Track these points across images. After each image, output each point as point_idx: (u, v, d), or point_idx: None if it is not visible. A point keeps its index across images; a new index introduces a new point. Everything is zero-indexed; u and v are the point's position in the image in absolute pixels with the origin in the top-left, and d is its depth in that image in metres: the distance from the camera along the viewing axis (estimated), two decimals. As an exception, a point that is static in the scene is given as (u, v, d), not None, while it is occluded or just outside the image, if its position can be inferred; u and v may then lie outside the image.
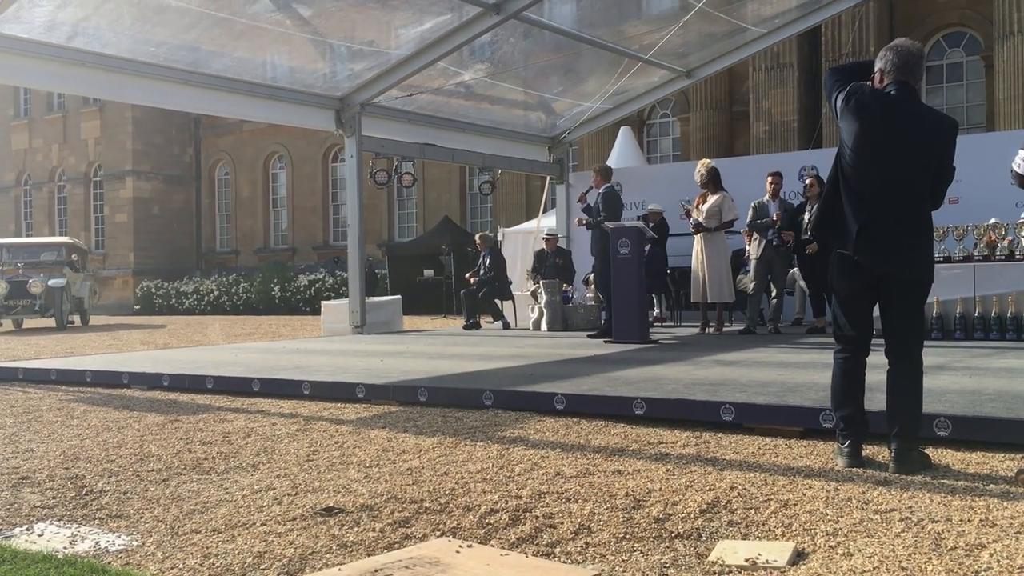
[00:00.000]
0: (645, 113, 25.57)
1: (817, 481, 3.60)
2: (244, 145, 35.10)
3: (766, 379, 5.84)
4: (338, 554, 2.88)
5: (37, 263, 20.60)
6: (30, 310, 19.37)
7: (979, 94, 21.32)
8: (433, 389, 6.03)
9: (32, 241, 24.13)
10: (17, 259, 20.76)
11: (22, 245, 22.39)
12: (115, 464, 4.34)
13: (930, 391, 4.26)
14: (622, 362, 7.41)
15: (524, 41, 12.44)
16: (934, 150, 3.79)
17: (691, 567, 2.67)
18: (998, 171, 11.12)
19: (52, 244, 22.39)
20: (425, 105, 13.23)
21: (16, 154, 38.90)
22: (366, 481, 3.82)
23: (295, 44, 11.23)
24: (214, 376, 7.13)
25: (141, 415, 5.92)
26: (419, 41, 11.24)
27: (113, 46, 9.80)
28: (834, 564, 2.63)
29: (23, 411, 6.28)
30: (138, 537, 3.13)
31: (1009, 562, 2.57)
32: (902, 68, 3.81)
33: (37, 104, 38.17)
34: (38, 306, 19.19)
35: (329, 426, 5.28)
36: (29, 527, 3.30)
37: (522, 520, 3.18)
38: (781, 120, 22.10)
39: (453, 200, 30.07)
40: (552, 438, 4.70)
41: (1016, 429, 4.09)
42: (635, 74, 13.13)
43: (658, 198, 12.99)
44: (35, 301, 19.20)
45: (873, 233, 3.75)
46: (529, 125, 15.13)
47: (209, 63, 10.73)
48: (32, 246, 22.31)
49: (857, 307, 3.92)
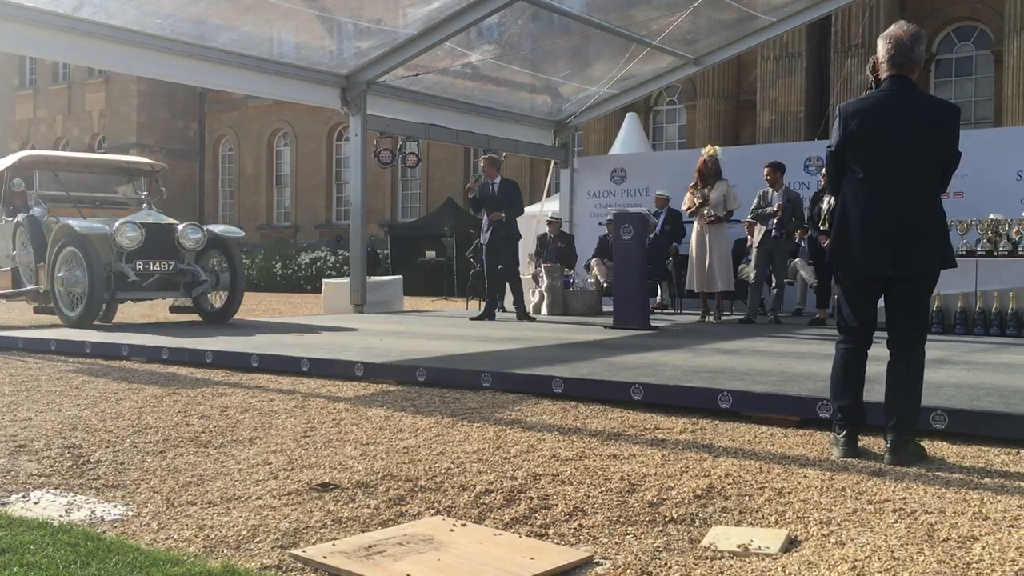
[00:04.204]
0: (652, 99, 25.51)
1: (812, 470, 3.61)
2: (249, 121, 35.04)
3: (764, 368, 5.84)
4: (332, 529, 2.89)
5: (108, 201, 11.61)
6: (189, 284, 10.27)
7: (988, 89, 21.25)
8: (432, 369, 6.04)
9: (94, 159, 13.38)
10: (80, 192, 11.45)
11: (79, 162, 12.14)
12: (112, 435, 4.35)
13: (929, 384, 4.26)
14: (621, 347, 7.41)
15: (532, 23, 12.37)
16: (932, 141, 3.77)
17: (683, 551, 2.67)
18: (1004, 166, 11.18)
19: (129, 166, 12.17)
20: (431, 85, 13.18)
21: (20, 124, 38.85)
22: (362, 458, 3.83)
23: (302, 20, 11.18)
24: (213, 351, 7.14)
25: (140, 387, 5.93)
26: (427, 20, 11.19)
27: (119, 17, 9.76)
28: (826, 552, 2.63)
29: (22, 380, 6.29)
30: (134, 507, 3.14)
31: (1001, 555, 2.58)
32: (895, 60, 3.79)
33: (42, 74, 38.09)
34: (207, 279, 10.26)
35: (327, 403, 5.29)
36: (25, 495, 3.31)
37: (516, 501, 3.19)
38: (788, 110, 22.04)
39: (457, 182, 30.04)
40: (549, 421, 4.71)
41: (1013, 424, 4.10)
42: (643, 60, 13.08)
43: (662, 185, 12.98)
44: (188, 268, 10.20)
45: (877, 237, 3.75)
46: (535, 108, 15.08)
47: (215, 37, 10.69)
48: (98, 166, 12.48)
49: (862, 298, 3.92)
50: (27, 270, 10.54)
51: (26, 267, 10.53)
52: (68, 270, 9.65)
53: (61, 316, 9.84)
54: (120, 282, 9.82)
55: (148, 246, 9.78)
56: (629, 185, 14.43)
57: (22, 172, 10.75)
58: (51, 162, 11.36)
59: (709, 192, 10.09)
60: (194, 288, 10.27)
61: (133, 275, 9.75)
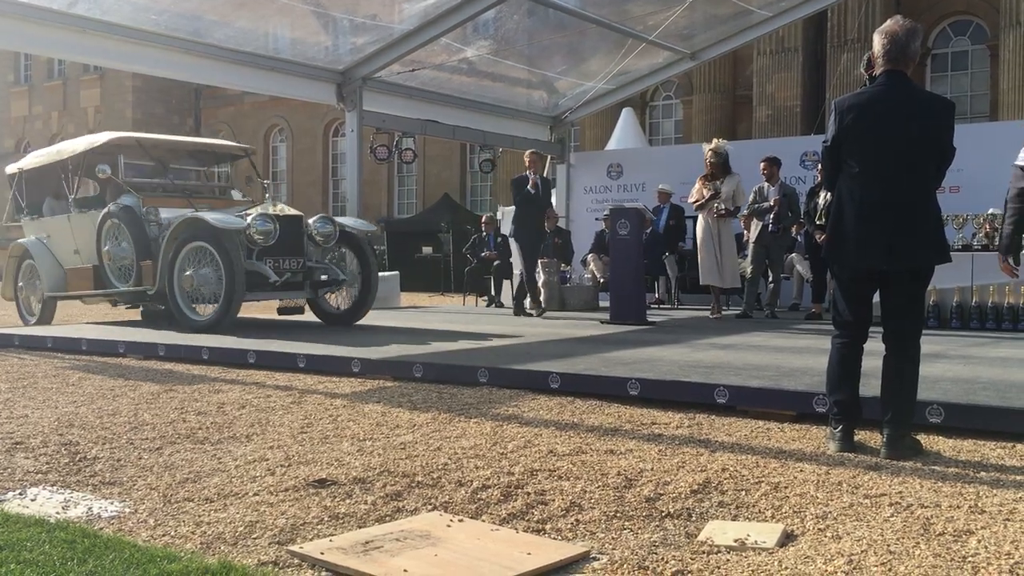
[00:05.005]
0: (648, 95, 25.48)
1: (808, 465, 3.62)
2: (245, 117, 34.96)
3: (761, 363, 5.85)
4: (329, 525, 2.89)
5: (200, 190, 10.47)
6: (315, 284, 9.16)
7: (984, 83, 21.24)
8: (428, 365, 6.03)
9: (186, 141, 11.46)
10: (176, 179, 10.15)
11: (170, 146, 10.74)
12: (109, 432, 4.35)
13: (924, 379, 4.27)
14: (618, 343, 7.41)
15: (528, 19, 12.36)
16: (927, 136, 3.77)
17: (680, 546, 2.68)
18: (1000, 161, 11.16)
19: (220, 150, 11.28)
20: (427, 81, 13.16)
21: (16, 121, 38.74)
22: (359, 454, 3.83)
23: (297, 16, 11.16)
24: (209, 347, 7.13)
25: (136, 384, 5.92)
26: (422, 16, 11.17)
27: (114, 13, 9.73)
28: (822, 547, 2.64)
29: (18, 377, 6.28)
30: (131, 504, 3.14)
31: (996, 548, 2.59)
32: (890, 55, 3.79)
33: (37, 71, 37.98)
34: (345, 278, 9.23)
35: (324, 399, 5.29)
36: (22, 492, 3.31)
37: (513, 496, 3.19)
38: (784, 105, 22.04)
39: (453, 177, 30.01)
40: (546, 416, 4.71)
41: (1008, 418, 4.11)
42: (639, 55, 13.07)
43: (659, 181, 12.98)
44: (318, 265, 9.15)
45: (872, 232, 3.75)
46: (531, 104, 15.07)
47: (211, 33, 10.67)
48: (189, 150, 10.96)
49: (858, 293, 3.92)
50: (116, 268, 9.38)
51: (116, 264, 9.36)
52: (195, 268, 8.54)
53: (182, 319, 8.66)
54: (252, 282, 8.52)
55: (275, 241, 8.70)
56: (625, 180, 14.43)
57: (106, 157, 9.52)
58: (142, 145, 10.06)
59: (721, 185, 9.92)
60: (321, 288, 9.25)
61: (275, 276, 8.55)
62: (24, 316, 11.08)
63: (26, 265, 10.78)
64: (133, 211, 9.24)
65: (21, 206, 10.91)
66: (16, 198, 10.99)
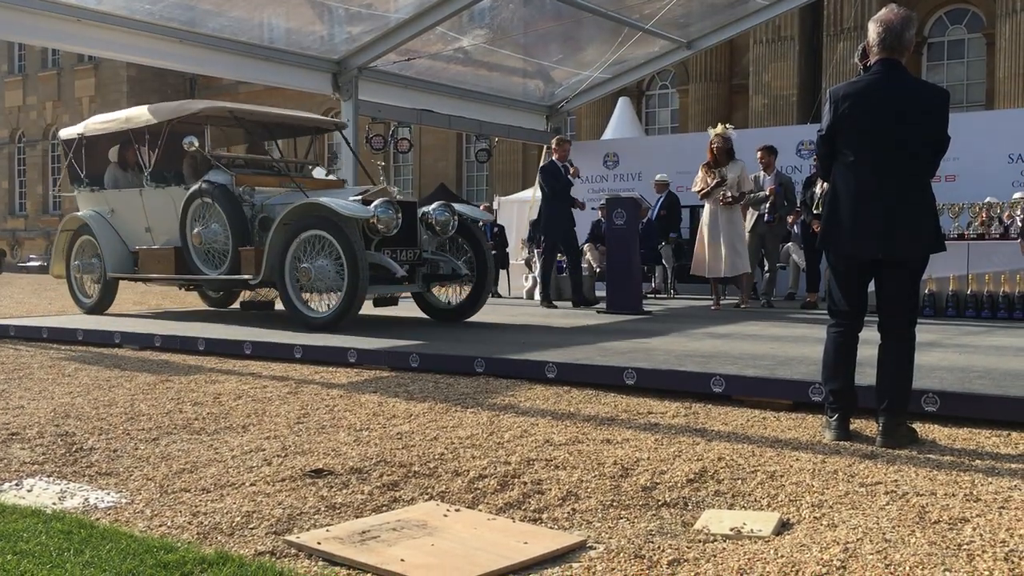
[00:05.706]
0: (644, 84, 25.45)
1: (804, 453, 3.63)
2: (240, 107, 34.85)
3: (757, 352, 5.86)
4: (326, 515, 2.89)
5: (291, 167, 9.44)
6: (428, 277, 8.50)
7: (980, 72, 21.23)
8: (425, 355, 6.03)
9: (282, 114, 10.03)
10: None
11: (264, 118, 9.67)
12: (105, 422, 4.34)
13: (920, 367, 4.28)
14: (614, 332, 7.42)
15: (524, 7, 12.32)
16: (921, 125, 3.77)
17: (676, 535, 2.68)
18: (996, 150, 11.18)
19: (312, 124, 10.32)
20: (423, 71, 13.12)
21: (10, 111, 38.62)
22: (356, 444, 3.83)
23: (292, 5, 11.10)
24: (205, 338, 7.12)
25: (132, 374, 5.92)
26: (418, 5, 11.12)
27: (108, 2, 9.68)
28: (818, 535, 2.65)
29: (14, 368, 6.28)
30: (127, 495, 3.14)
31: (992, 536, 2.60)
32: (885, 44, 3.79)
33: (32, 61, 37.84)
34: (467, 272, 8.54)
35: (320, 389, 5.29)
36: (18, 482, 3.31)
37: (510, 486, 3.19)
38: (780, 94, 22.03)
39: (449, 167, 29.97)
40: (542, 406, 4.72)
41: (1004, 406, 4.12)
42: (635, 44, 13.03)
43: (655, 170, 12.96)
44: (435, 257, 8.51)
45: (866, 221, 3.76)
46: (527, 93, 15.03)
47: (205, 22, 10.62)
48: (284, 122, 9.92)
49: (853, 282, 3.93)
50: (205, 252, 8.47)
51: (206, 247, 8.42)
52: (312, 259, 7.59)
53: (295, 315, 7.78)
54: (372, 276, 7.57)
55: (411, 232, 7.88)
56: (622, 170, 14.40)
57: (192, 127, 8.58)
58: (237, 116, 9.11)
59: (726, 171, 9.69)
60: (433, 281, 8.51)
61: (401, 271, 7.69)
62: (79, 298, 9.94)
63: (82, 241, 9.66)
64: (228, 191, 8.27)
65: (80, 175, 9.76)
66: (73, 166, 9.81)
